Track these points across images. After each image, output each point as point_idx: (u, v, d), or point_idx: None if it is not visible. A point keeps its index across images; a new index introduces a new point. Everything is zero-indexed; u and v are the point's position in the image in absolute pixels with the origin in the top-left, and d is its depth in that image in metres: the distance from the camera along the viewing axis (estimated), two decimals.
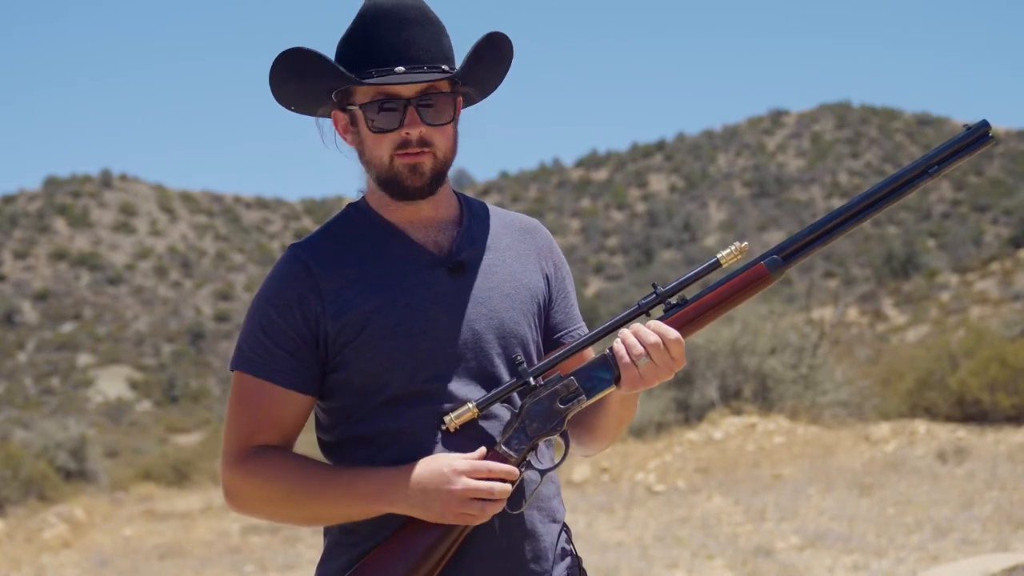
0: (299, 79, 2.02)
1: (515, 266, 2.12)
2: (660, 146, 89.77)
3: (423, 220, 2.07)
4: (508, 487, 1.95)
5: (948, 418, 14.95)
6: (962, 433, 13.56)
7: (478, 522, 1.95)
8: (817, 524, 9.07)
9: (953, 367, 15.57)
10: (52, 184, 79.75)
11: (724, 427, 14.27)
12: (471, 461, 1.94)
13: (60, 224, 74.94)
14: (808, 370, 15.74)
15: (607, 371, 1.99)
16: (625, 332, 1.99)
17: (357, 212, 2.10)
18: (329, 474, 1.99)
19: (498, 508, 1.95)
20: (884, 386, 17.16)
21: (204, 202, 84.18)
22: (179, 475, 20.14)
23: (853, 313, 39.85)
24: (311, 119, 2.14)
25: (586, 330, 2.18)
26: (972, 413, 14.80)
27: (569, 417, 2.01)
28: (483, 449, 1.98)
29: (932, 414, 15.23)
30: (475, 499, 1.93)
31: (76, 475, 19.43)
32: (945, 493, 9.80)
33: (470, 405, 1.98)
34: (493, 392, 2.00)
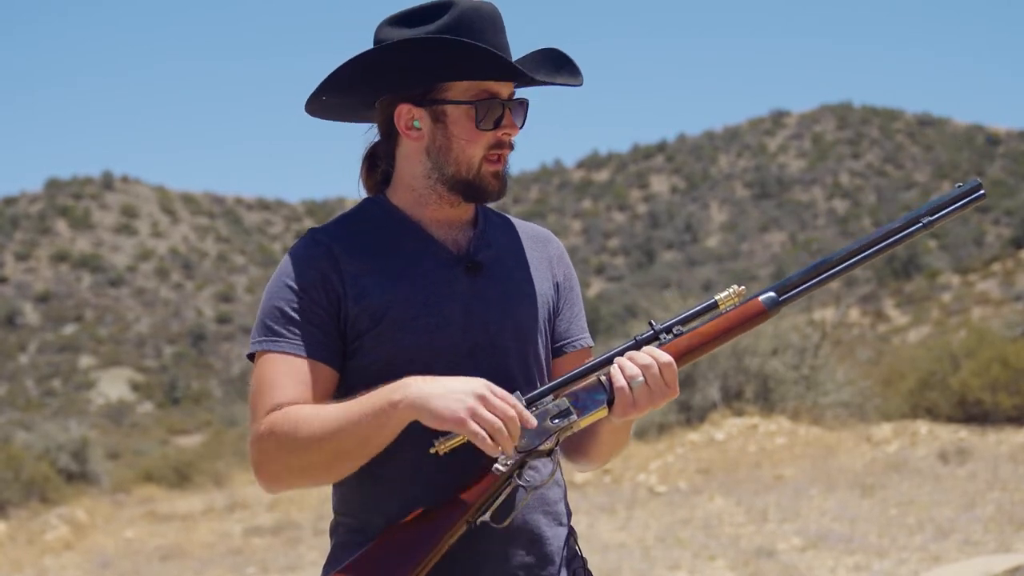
0: (416, 69, 2.01)
1: (528, 272, 2.14)
2: (661, 147, 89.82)
3: (445, 219, 2.09)
4: (508, 430, 1.87)
5: (950, 419, 14.94)
6: (964, 434, 13.54)
7: (481, 445, 1.86)
8: (819, 525, 9.07)
9: (954, 367, 15.56)
10: (53, 186, 79.85)
11: (726, 428, 14.26)
12: (502, 391, 1.89)
13: (61, 226, 75.01)
14: (810, 371, 15.73)
15: (600, 394, 1.97)
16: (620, 358, 1.98)
17: (375, 206, 2.11)
18: (350, 399, 1.93)
19: (499, 445, 1.87)
20: (885, 387, 17.15)
21: (205, 204, 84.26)
22: (180, 477, 20.15)
23: (855, 314, 39.86)
24: (309, 115, 2.14)
25: (590, 342, 2.20)
26: (974, 414, 14.79)
27: (560, 436, 1.99)
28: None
29: (934, 415, 15.22)
30: (487, 416, 1.86)
31: (77, 477, 19.43)
32: (947, 494, 9.80)
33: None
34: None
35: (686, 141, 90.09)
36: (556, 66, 2.10)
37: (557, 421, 1.97)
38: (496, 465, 1.95)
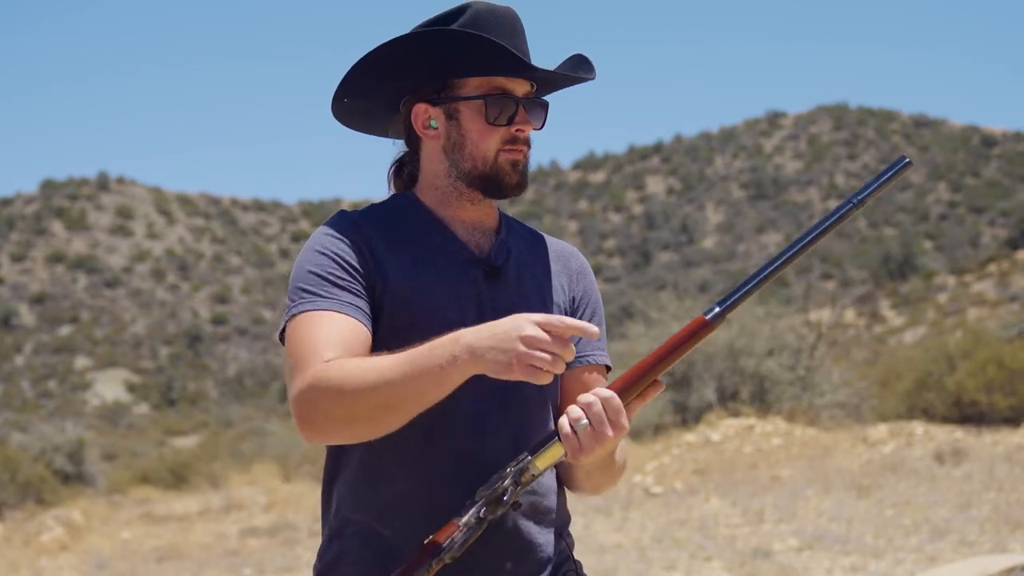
0: (430, 59, 2.04)
1: (544, 283, 2.16)
2: (657, 148, 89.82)
3: (469, 221, 2.12)
4: (564, 360, 1.84)
5: (945, 419, 14.97)
6: (959, 434, 13.57)
7: (541, 380, 1.82)
8: (815, 525, 9.08)
9: (950, 368, 15.59)
10: (49, 187, 79.72)
11: (722, 429, 14.28)
12: (546, 315, 1.83)
13: (57, 227, 74.90)
14: (805, 372, 15.75)
15: (553, 439, 1.94)
16: (571, 405, 1.94)
17: (404, 201, 2.14)
18: (403, 350, 1.90)
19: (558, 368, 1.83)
20: (882, 387, 17.19)
21: (201, 204, 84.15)
22: (177, 478, 20.12)
23: (850, 315, 39.89)
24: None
25: (606, 360, 2.20)
26: (969, 414, 14.82)
27: (519, 491, 1.95)
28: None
29: (930, 415, 15.24)
30: (541, 351, 1.81)
31: (74, 478, 19.40)
32: (943, 494, 9.81)
33: (455, 520, 1.93)
34: (473, 503, 1.94)
35: (682, 142, 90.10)
36: (573, 66, 2.14)
37: (512, 480, 1.94)
38: (464, 519, 1.93)
